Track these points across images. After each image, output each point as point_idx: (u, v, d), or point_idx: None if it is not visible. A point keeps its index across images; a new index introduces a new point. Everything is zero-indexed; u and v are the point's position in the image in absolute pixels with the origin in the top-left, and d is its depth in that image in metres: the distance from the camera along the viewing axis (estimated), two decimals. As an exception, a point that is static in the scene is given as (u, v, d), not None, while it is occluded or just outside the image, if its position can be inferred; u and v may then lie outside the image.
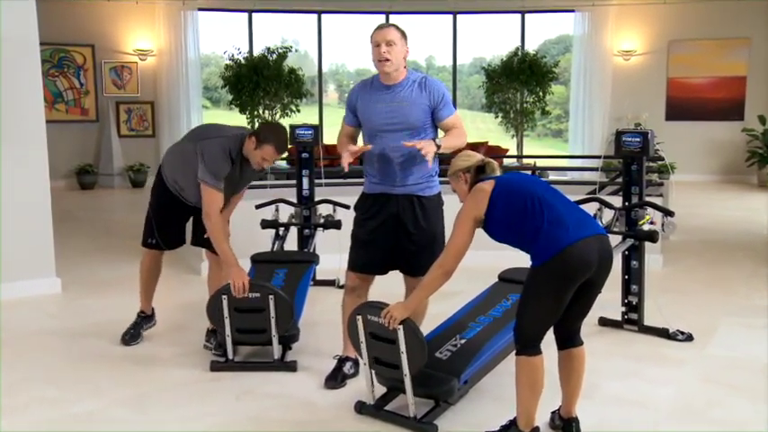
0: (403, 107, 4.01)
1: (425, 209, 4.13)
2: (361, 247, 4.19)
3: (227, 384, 4.29)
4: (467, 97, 18.48)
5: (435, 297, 3.86)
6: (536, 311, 3.31)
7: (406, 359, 3.57)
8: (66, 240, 7.80)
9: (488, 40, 17.17)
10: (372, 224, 4.14)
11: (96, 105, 14.11)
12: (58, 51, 13.71)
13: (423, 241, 4.12)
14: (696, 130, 14.31)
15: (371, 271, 4.24)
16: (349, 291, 4.26)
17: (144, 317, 5.12)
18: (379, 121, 4.04)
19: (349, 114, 4.23)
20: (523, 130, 14.14)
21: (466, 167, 3.68)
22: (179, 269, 6.71)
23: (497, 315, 4.25)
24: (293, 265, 5.48)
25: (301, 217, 6.31)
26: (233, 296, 4.32)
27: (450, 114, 4.12)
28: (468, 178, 3.68)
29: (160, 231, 4.92)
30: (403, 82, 4.06)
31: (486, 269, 5.06)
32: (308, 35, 15.43)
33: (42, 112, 6.21)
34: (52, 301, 6.04)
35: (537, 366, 3.32)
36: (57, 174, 11.06)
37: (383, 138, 4.04)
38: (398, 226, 4.11)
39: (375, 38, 4.01)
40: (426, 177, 4.13)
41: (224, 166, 4.52)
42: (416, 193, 4.11)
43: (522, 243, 3.42)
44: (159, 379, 4.40)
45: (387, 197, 4.12)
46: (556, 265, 3.23)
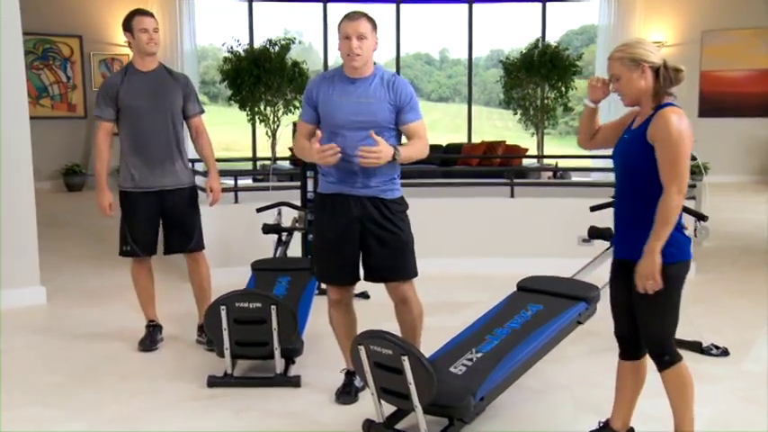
0: (370, 103, 3.99)
1: (392, 212, 4.10)
2: (327, 256, 4.18)
3: (226, 401, 4.30)
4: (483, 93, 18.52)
5: (448, 308, 3.87)
6: (676, 313, 3.40)
7: (414, 390, 3.56)
8: (52, 246, 7.84)
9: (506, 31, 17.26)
10: (335, 229, 4.10)
11: (84, 101, 14.15)
12: (42, 42, 13.75)
13: (390, 245, 4.09)
14: (732, 127, 14.27)
15: (335, 282, 4.22)
16: (333, 304, 4.27)
17: (154, 326, 5.27)
18: (343, 118, 4.00)
19: (308, 110, 4.15)
20: (544, 128, 14.13)
21: (652, 60, 3.34)
22: (172, 277, 6.72)
23: (516, 327, 4.25)
24: (297, 272, 5.49)
25: (305, 221, 6.32)
26: (232, 306, 4.34)
27: (415, 120, 4.07)
28: (649, 79, 3.33)
29: (133, 236, 5.07)
30: (369, 77, 4.04)
31: (504, 277, 5.07)
32: (313, 26, 15.49)
33: (26, 108, 6.21)
34: (36, 313, 6.06)
35: (688, 370, 3.47)
36: (41, 175, 11.11)
37: (345, 136, 3.99)
38: (363, 231, 4.08)
39: (345, 29, 4.00)
40: (389, 179, 4.09)
41: (102, 92, 5.03)
42: (380, 196, 4.07)
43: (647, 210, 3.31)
44: (153, 395, 4.42)
45: (346, 198, 4.08)
46: (686, 269, 3.39)
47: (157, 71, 5.06)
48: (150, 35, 4.98)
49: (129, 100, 4.94)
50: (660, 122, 3.23)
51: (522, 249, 7.08)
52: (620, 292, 3.51)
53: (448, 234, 7.13)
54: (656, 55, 3.34)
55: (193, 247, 5.16)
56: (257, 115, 13.16)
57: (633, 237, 3.35)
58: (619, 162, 3.48)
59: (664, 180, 3.22)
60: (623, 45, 3.41)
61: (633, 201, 3.38)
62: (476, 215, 7.26)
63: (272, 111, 13.21)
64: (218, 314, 4.36)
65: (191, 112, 5.14)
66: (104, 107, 4.99)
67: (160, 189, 5.03)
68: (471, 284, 6.58)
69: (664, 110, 3.26)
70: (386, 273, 4.12)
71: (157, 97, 4.98)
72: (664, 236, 3.22)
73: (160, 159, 5.00)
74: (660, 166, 3.23)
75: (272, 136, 13.18)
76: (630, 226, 3.40)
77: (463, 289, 6.48)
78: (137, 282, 5.24)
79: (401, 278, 4.14)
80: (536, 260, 6.55)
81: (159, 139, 5.00)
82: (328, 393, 4.32)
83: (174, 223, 5.11)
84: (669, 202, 3.20)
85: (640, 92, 3.34)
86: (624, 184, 3.45)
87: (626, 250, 3.44)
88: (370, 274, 4.19)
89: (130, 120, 4.98)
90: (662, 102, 3.31)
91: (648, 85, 3.32)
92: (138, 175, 5.00)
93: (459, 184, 8.39)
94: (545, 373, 4.57)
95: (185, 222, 5.12)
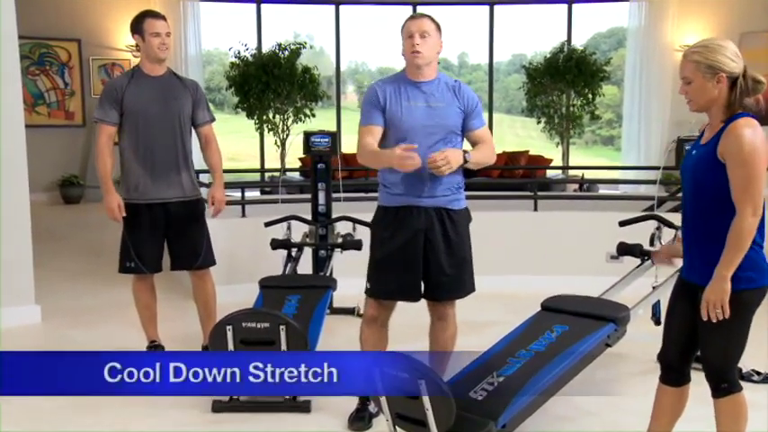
0: (440, 108, 4.08)
1: (456, 224, 4.16)
2: (384, 269, 4.20)
3: (232, 427, 4.30)
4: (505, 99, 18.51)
5: (468, 328, 3.86)
6: (743, 339, 3.34)
7: (432, 416, 3.53)
8: (48, 262, 7.85)
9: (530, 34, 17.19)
10: (396, 242, 4.14)
11: (83, 108, 14.20)
12: (39, 46, 13.82)
13: (454, 260, 4.14)
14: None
15: (396, 297, 4.24)
16: (369, 321, 4.27)
17: (156, 346, 5.29)
18: (416, 123, 4.07)
19: (375, 113, 4.16)
20: (570, 138, 14.10)
21: (732, 70, 3.24)
22: (175, 294, 6.74)
23: (539, 349, 4.23)
24: (307, 290, 5.50)
25: (316, 236, 6.33)
26: (239, 326, 4.34)
27: (482, 125, 4.20)
28: (724, 89, 3.23)
29: (137, 252, 5.07)
30: (435, 80, 4.14)
31: (527, 296, 5.07)
32: (325, 29, 15.51)
33: (21, 116, 6.26)
34: (31, 332, 6.08)
35: (746, 401, 3.43)
36: (37, 186, 11.14)
37: (415, 142, 4.02)
38: (427, 243, 4.12)
39: (408, 28, 4.10)
40: (455, 188, 4.17)
41: (106, 94, 5.04)
42: (446, 206, 4.13)
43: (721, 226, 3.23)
44: (154, 420, 4.43)
45: (411, 210, 4.12)
46: (761, 296, 3.29)
47: (166, 76, 5.08)
48: (162, 40, 4.99)
49: (136, 105, 4.95)
50: (731, 137, 3.13)
51: (547, 266, 7.06)
52: (680, 315, 3.46)
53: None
54: (738, 64, 3.24)
55: (201, 264, 5.17)
56: (266, 124, 13.17)
57: (702, 259, 3.27)
58: (687, 178, 3.37)
59: (736, 200, 3.12)
60: (702, 47, 3.26)
61: (703, 220, 3.29)
62: (497, 230, 7.24)
63: (282, 119, 13.21)
64: (224, 334, 4.37)
65: (201, 120, 5.15)
66: (108, 110, 4.99)
67: (164, 201, 5.03)
68: (492, 304, 6.56)
69: (735, 122, 3.16)
70: (444, 291, 4.17)
71: (166, 103, 4.99)
72: (735, 262, 3.14)
73: (166, 169, 5.01)
74: (732, 186, 3.13)
75: (282, 146, 13.18)
76: (700, 246, 3.32)
77: (484, 308, 6.45)
78: (138, 299, 5.24)
79: (458, 297, 4.22)
80: (561, 278, 6.53)
81: (165, 147, 5.01)
82: (340, 419, 4.31)
83: (178, 238, 5.12)
84: (742, 224, 3.11)
85: (711, 101, 3.23)
86: (692, 201, 3.35)
87: (693, 273, 3.36)
88: (429, 291, 4.22)
89: (135, 126, 4.99)
90: (735, 113, 3.21)
91: (722, 95, 3.21)
92: (142, 185, 5.01)
93: (479, 197, 8.36)
94: (572, 399, 4.54)
95: (191, 237, 5.12)
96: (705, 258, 3.26)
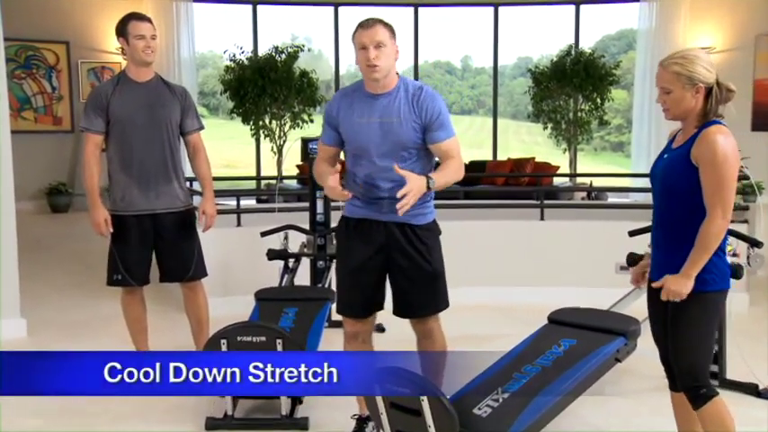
0: (393, 123, 3.95)
1: (421, 239, 4.07)
2: (348, 285, 4.19)
3: (225, 445, 4.30)
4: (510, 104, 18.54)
5: (472, 342, 3.87)
6: (710, 343, 3.52)
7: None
8: (34, 274, 7.86)
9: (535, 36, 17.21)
10: (358, 257, 4.10)
11: (71, 113, 14.18)
12: (25, 49, 13.80)
13: (419, 278, 4.07)
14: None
15: (363, 314, 4.21)
16: (349, 339, 4.26)
17: None
18: (368, 142, 3.98)
19: (328, 131, 4.14)
20: (577, 144, 14.11)
21: (708, 81, 3.39)
22: (167, 307, 6.74)
23: (546, 364, 4.23)
24: (305, 303, 5.49)
25: (315, 246, 6.34)
26: (234, 340, 4.35)
27: (446, 138, 4.00)
28: (700, 99, 3.39)
29: (124, 264, 5.06)
30: (393, 91, 4.00)
31: (533, 309, 5.08)
32: (323, 32, 15.54)
33: (6, 121, 6.26)
34: (16, 347, 6.03)
35: (726, 406, 3.49)
36: (23, 194, 11.15)
37: (371, 160, 4.00)
38: (390, 260, 4.08)
39: (360, 39, 3.94)
40: (420, 204, 3.98)
41: (91, 101, 5.07)
42: (409, 221, 4.03)
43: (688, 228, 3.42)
44: (144, 438, 4.43)
45: (371, 224, 4.07)
46: (723, 298, 3.51)
47: (153, 82, 5.09)
48: (147, 42, 5.00)
49: (122, 112, 4.96)
50: (705, 142, 3.30)
51: (554, 278, 7.07)
52: (656, 323, 3.64)
53: (471, 261, 7.10)
54: (712, 74, 3.39)
55: (192, 276, 5.18)
56: (262, 130, 13.17)
57: (670, 264, 3.43)
58: (658, 183, 3.56)
59: (708, 203, 3.30)
60: (681, 58, 3.40)
61: (672, 225, 3.47)
62: (502, 240, 7.25)
63: (278, 125, 13.22)
64: (219, 348, 4.37)
65: (189, 128, 5.16)
66: (93, 118, 5.00)
67: (153, 212, 5.04)
68: (497, 316, 6.57)
69: (708, 129, 3.33)
70: (413, 308, 4.12)
71: (153, 111, 5.00)
72: (701, 263, 3.32)
73: (154, 179, 5.01)
74: (704, 189, 3.31)
75: (278, 152, 13.19)
76: (668, 252, 3.48)
77: (488, 321, 6.47)
78: (127, 312, 5.24)
79: (429, 314, 4.15)
80: (569, 290, 6.55)
81: (153, 156, 5.01)
82: (339, 437, 4.31)
83: (168, 250, 5.12)
84: (711, 227, 3.28)
85: (688, 111, 3.40)
86: (663, 206, 3.54)
87: (661, 277, 3.47)
88: (397, 309, 4.18)
89: (122, 134, 5.00)
90: (709, 120, 3.38)
91: (699, 104, 3.38)
92: (129, 196, 5.01)
93: (483, 205, 8.39)
94: (580, 416, 4.55)
95: (181, 249, 5.13)
96: (673, 261, 3.41)
